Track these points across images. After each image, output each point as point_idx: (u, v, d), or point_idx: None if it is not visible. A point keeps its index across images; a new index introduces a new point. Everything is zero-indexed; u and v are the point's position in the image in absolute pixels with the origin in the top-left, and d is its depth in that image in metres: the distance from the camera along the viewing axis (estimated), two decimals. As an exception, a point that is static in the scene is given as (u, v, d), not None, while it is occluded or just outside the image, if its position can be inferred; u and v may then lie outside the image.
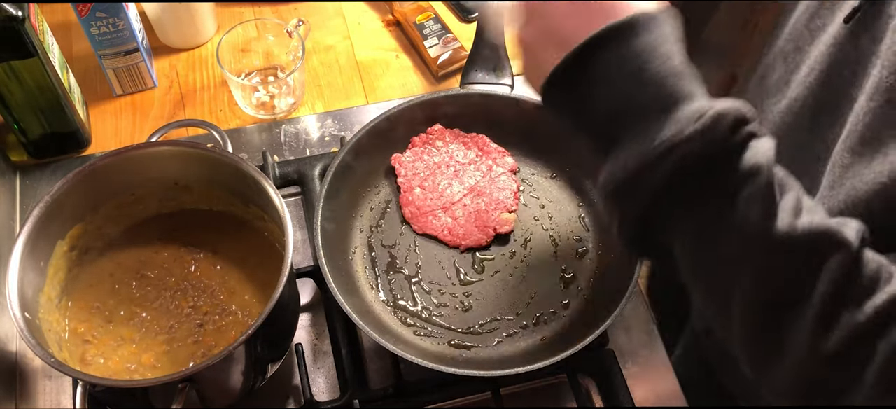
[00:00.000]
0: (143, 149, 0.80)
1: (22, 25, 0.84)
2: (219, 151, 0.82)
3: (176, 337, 0.78)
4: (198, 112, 1.07)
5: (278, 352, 0.80)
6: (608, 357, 0.86)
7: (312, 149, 1.03)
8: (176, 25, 1.10)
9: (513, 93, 0.97)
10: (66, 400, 0.83)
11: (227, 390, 0.75)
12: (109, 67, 1.03)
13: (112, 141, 1.03)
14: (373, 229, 0.93)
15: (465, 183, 0.95)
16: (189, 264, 0.83)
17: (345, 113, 1.07)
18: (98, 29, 0.97)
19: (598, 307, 0.84)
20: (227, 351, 0.67)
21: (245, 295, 0.81)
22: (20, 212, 0.95)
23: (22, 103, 0.92)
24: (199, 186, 0.84)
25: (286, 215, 0.74)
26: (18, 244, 0.72)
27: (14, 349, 0.86)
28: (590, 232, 0.93)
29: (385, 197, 0.96)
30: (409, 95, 1.10)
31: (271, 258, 0.82)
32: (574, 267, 0.91)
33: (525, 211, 0.95)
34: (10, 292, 0.69)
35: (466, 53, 1.09)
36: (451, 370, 0.78)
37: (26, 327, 0.68)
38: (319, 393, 0.85)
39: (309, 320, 0.90)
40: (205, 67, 1.11)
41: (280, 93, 1.06)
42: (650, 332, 0.91)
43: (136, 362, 0.76)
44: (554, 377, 0.87)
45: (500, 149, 0.98)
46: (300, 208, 0.98)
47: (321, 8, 1.17)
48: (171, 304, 0.80)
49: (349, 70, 1.13)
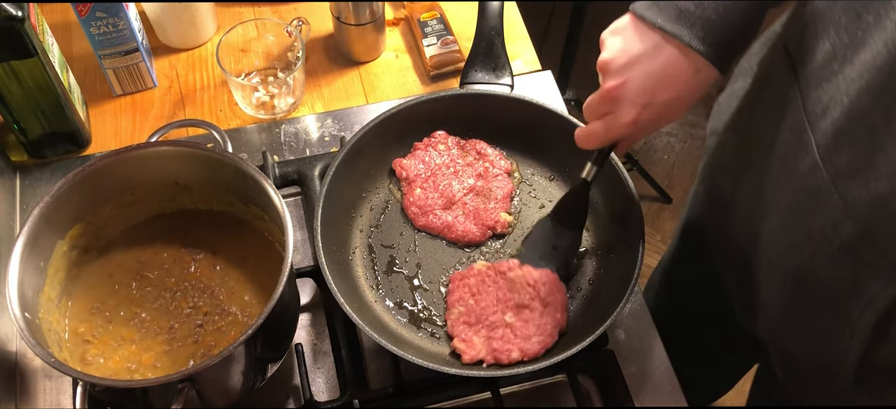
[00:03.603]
0: (143, 149, 0.80)
1: (22, 25, 0.84)
2: (219, 151, 0.82)
3: (176, 337, 0.78)
4: (198, 112, 1.07)
5: (278, 352, 0.80)
6: (608, 357, 0.86)
7: (312, 149, 1.03)
8: (176, 25, 1.10)
9: (512, 93, 0.97)
10: (66, 400, 0.83)
11: (227, 390, 0.75)
12: (109, 67, 1.03)
13: (112, 141, 1.04)
14: (373, 229, 0.93)
15: (465, 183, 0.95)
16: (189, 265, 0.83)
17: (345, 113, 1.07)
18: (98, 29, 0.97)
19: (598, 307, 0.84)
20: (227, 351, 0.67)
21: (245, 295, 0.81)
22: (20, 212, 0.95)
23: (22, 103, 0.92)
24: (199, 187, 0.84)
25: (286, 215, 0.74)
26: (18, 244, 0.72)
27: (14, 349, 0.86)
28: (589, 232, 0.93)
29: (385, 197, 0.96)
30: (409, 94, 1.10)
31: (271, 258, 0.82)
32: (574, 267, 0.91)
33: (524, 211, 0.95)
34: (10, 292, 0.69)
35: (462, 57, 1.10)
36: (451, 370, 0.78)
37: (26, 327, 0.68)
38: (319, 393, 0.85)
39: (309, 320, 0.90)
40: (205, 67, 1.11)
41: (280, 93, 1.06)
42: (650, 332, 0.91)
43: (136, 362, 0.76)
44: (554, 377, 0.88)
45: (498, 151, 0.98)
46: (300, 208, 0.98)
47: (321, 8, 1.17)
48: (171, 304, 0.80)
49: (349, 70, 1.13)
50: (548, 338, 0.81)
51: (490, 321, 0.83)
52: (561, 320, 0.83)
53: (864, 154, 0.60)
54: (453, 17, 1.16)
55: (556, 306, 0.83)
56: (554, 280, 0.85)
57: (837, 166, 0.63)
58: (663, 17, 0.68)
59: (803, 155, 0.67)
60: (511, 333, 0.82)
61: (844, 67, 0.61)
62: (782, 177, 0.72)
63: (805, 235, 0.69)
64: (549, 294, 0.83)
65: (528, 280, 0.84)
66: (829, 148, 0.64)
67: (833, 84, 0.63)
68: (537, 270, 0.85)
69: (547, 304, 0.83)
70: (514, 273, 0.85)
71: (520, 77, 1.11)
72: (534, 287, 0.84)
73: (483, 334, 0.82)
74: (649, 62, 0.69)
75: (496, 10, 1.02)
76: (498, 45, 1.01)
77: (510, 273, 0.85)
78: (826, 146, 0.64)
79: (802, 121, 0.67)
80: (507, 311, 0.83)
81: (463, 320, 0.84)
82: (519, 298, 0.83)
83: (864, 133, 0.60)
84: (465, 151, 0.98)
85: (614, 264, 0.89)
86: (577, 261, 0.90)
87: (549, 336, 0.82)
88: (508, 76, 1.00)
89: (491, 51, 1.01)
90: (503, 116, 0.97)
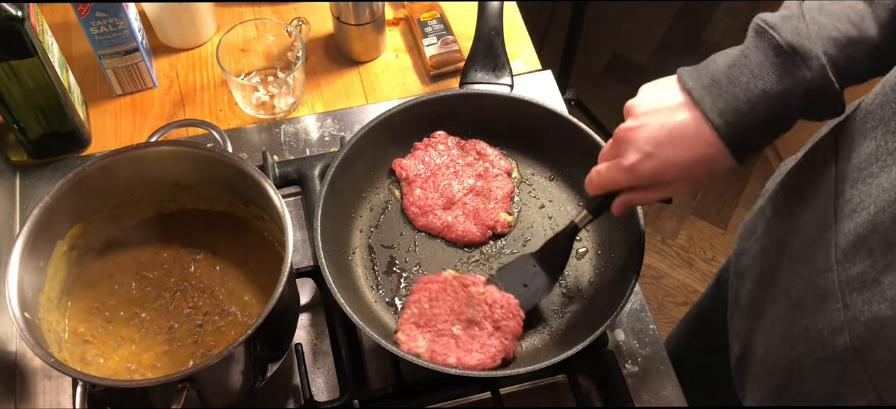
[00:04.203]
0: (143, 149, 0.80)
1: (22, 25, 0.84)
2: (219, 151, 0.82)
3: (176, 337, 0.78)
4: (198, 112, 1.07)
5: (278, 352, 0.80)
6: (608, 357, 0.86)
7: (312, 149, 1.03)
8: (176, 25, 1.10)
9: (512, 93, 0.97)
10: (66, 400, 0.83)
11: (227, 390, 0.75)
12: (109, 67, 1.03)
13: (112, 141, 1.04)
14: (373, 229, 0.93)
15: (465, 183, 0.95)
16: (188, 265, 0.83)
17: (345, 113, 1.07)
18: (98, 29, 0.97)
19: (598, 307, 0.84)
20: (227, 351, 0.67)
21: (245, 295, 0.81)
22: (20, 212, 0.95)
23: (22, 103, 0.92)
24: (199, 187, 0.84)
25: (286, 215, 0.74)
26: (18, 244, 0.72)
27: (14, 349, 0.86)
28: (589, 232, 0.93)
29: (385, 197, 0.96)
30: (409, 94, 1.10)
31: (271, 258, 0.82)
32: (574, 267, 0.91)
33: (524, 211, 0.95)
34: (10, 292, 0.69)
35: (462, 57, 1.09)
36: (451, 371, 0.78)
37: (26, 328, 0.68)
38: (319, 393, 0.85)
39: (309, 320, 0.90)
40: (205, 67, 1.11)
41: (280, 93, 1.06)
42: (650, 332, 0.91)
43: (136, 362, 0.76)
44: (554, 377, 0.88)
45: (497, 151, 0.98)
46: (300, 208, 0.98)
47: (321, 8, 1.17)
48: (171, 304, 0.80)
49: (349, 70, 1.13)
50: (488, 360, 0.81)
51: (438, 328, 0.83)
52: (508, 346, 0.82)
53: (876, 269, 0.59)
54: (453, 17, 1.16)
55: (506, 332, 0.82)
56: (512, 307, 0.84)
57: (849, 274, 0.62)
58: (695, 81, 0.68)
59: (822, 251, 0.66)
60: (454, 343, 0.82)
61: (881, 173, 0.60)
62: (797, 267, 0.71)
63: (803, 332, 0.69)
64: (502, 318, 0.83)
65: (487, 299, 0.84)
66: (846, 252, 0.63)
67: (868, 187, 0.61)
68: (499, 292, 0.85)
69: (498, 327, 0.83)
70: (476, 289, 0.85)
71: (520, 77, 1.11)
72: (490, 308, 0.83)
73: (427, 337, 0.82)
74: (668, 116, 0.69)
75: (496, 10, 1.02)
76: (498, 45, 1.01)
77: (472, 288, 0.85)
78: (844, 249, 0.63)
79: (831, 216, 0.66)
80: (456, 322, 0.83)
81: (413, 321, 0.84)
82: (472, 313, 0.83)
83: (880, 247, 0.59)
84: (465, 151, 0.98)
85: (614, 264, 0.89)
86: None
87: (491, 358, 0.81)
88: (508, 76, 1.00)
89: (491, 51, 1.01)
90: (503, 116, 0.97)
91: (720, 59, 0.68)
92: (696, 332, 1.14)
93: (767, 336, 0.77)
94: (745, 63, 0.65)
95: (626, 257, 0.86)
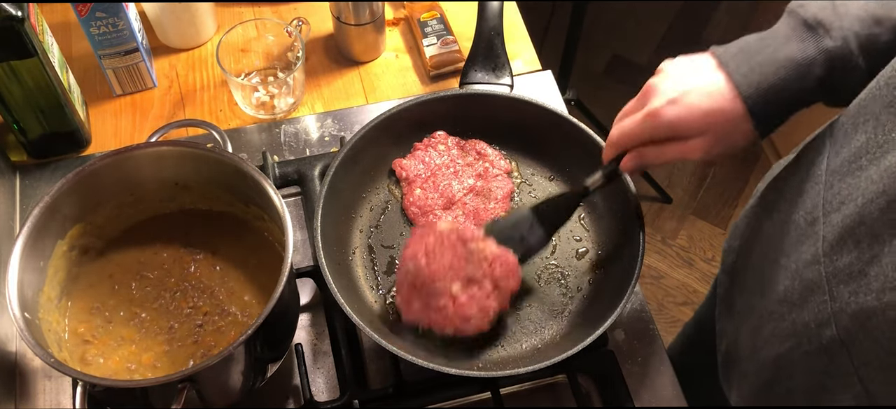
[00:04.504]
0: (143, 149, 0.80)
1: (22, 25, 0.84)
2: (219, 151, 0.82)
3: (176, 337, 0.78)
4: (198, 112, 1.07)
5: (278, 352, 0.80)
6: (608, 357, 0.86)
7: (312, 149, 1.03)
8: (176, 25, 1.10)
9: (512, 93, 0.97)
10: (66, 400, 0.83)
11: (227, 390, 0.75)
12: (109, 67, 1.03)
13: (112, 141, 1.04)
14: (373, 229, 0.93)
15: (465, 184, 0.95)
16: (188, 265, 0.83)
17: (345, 113, 1.07)
18: (98, 29, 0.97)
19: (598, 308, 0.84)
20: (227, 351, 0.67)
21: (245, 295, 0.81)
22: (20, 212, 0.95)
23: (22, 103, 0.92)
24: (199, 186, 0.84)
25: (286, 215, 0.74)
26: (18, 244, 0.72)
27: (14, 349, 0.86)
28: (589, 232, 0.93)
29: (385, 197, 0.96)
30: (409, 94, 1.10)
31: (271, 259, 0.82)
32: (573, 267, 0.91)
33: (525, 211, 0.95)
34: (10, 292, 0.69)
35: (462, 57, 1.09)
36: (451, 371, 0.78)
37: (26, 328, 0.68)
38: (319, 393, 0.85)
39: (309, 320, 0.90)
40: (205, 67, 1.11)
41: (280, 93, 1.06)
42: (650, 332, 0.91)
43: (136, 362, 0.76)
44: (554, 377, 0.88)
45: (497, 151, 0.98)
46: (300, 208, 0.98)
47: (321, 8, 1.17)
48: (171, 304, 0.80)
49: (349, 70, 1.13)
50: (484, 323, 0.80)
51: (435, 288, 0.80)
52: (504, 304, 0.82)
53: (863, 261, 0.59)
54: (453, 17, 1.16)
55: (504, 290, 0.82)
56: (512, 263, 0.82)
57: (836, 267, 0.63)
58: (725, 50, 0.72)
59: (809, 244, 0.66)
60: (452, 307, 0.80)
61: (870, 166, 0.60)
62: (786, 261, 0.71)
63: (790, 326, 0.69)
64: (502, 276, 0.81)
65: (486, 255, 0.81)
66: (833, 244, 0.63)
67: (856, 179, 0.62)
68: (499, 248, 0.82)
69: (497, 286, 0.81)
70: (476, 244, 0.82)
71: (520, 77, 1.11)
72: (490, 264, 0.81)
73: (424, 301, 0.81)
74: (694, 71, 0.72)
75: (496, 10, 1.02)
76: (498, 45, 1.01)
77: (471, 244, 0.82)
78: (831, 242, 0.63)
79: (819, 210, 0.66)
80: (455, 281, 0.81)
81: (410, 280, 0.81)
82: (472, 270, 0.81)
83: (867, 239, 0.59)
84: (465, 151, 0.98)
85: (614, 264, 0.89)
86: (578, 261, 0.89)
87: (488, 321, 0.80)
88: (508, 76, 1.00)
89: (491, 51, 1.01)
90: (503, 116, 0.97)
91: (751, 36, 0.72)
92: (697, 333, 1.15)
93: (755, 333, 0.77)
94: (772, 35, 0.70)
95: (627, 258, 0.86)
